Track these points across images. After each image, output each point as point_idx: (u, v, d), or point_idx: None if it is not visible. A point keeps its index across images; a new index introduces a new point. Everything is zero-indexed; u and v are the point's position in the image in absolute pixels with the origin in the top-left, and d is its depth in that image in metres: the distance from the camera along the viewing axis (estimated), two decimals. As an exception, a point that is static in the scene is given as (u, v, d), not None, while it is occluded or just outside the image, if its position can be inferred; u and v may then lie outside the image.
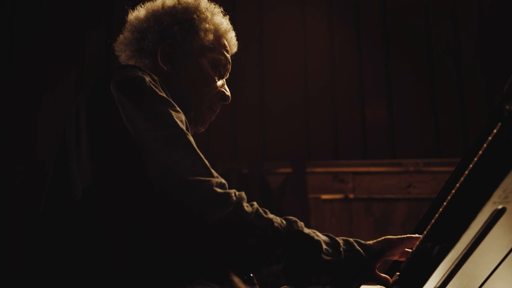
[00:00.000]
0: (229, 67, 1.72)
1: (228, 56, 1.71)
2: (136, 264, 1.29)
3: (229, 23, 1.74)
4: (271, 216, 1.31)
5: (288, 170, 4.02)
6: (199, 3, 1.69)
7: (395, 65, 4.31)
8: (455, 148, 4.12)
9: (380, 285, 1.41)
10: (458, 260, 1.09)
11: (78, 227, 1.32)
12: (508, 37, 4.26)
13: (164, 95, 1.39)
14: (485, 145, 1.04)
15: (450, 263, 1.11)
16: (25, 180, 3.83)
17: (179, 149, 1.29)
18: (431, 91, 4.27)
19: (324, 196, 3.99)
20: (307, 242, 1.31)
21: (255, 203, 1.32)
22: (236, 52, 1.78)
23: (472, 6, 4.38)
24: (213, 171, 1.30)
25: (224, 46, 1.70)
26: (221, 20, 1.71)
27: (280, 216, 1.35)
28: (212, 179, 1.27)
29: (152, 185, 1.25)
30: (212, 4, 1.72)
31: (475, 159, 1.06)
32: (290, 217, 1.35)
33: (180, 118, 1.36)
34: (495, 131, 1.02)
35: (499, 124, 1.00)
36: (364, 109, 4.24)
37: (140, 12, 1.70)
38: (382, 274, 1.43)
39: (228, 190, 1.28)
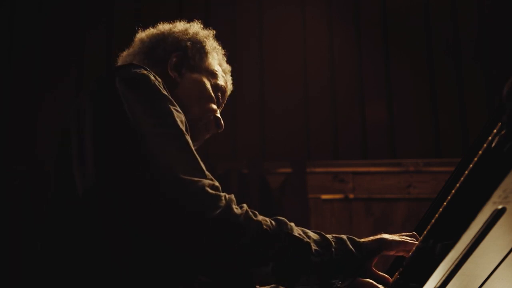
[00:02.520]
0: (225, 100, 1.79)
1: (226, 89, 1.79)
2: (135, 264, 1.29)
3: (228, 66, 1.84)
4: (260, 218, 1.31)
5: (288, 170, 4.01)
6: (207, 36, 1.78)
7: (395, 65, 4.31)
8: (455, 148, 4.12)
9: (377, 283, 1.42)
10: (458, 260, 1.09)
11: (79, 227, 1.33)
12: (508, 37, 4.26)
13: (167, 94, 1.41)
14: (485, 145, 1.04)
15: (450, 263, 1.11)
16: (25, 180, 3.83)
17: (177, 148, 1.31)
18: (431, 91, 4.27)
19: (324, 196, 3.99)
20: (296, 245, 1.32)
21: (245, 205, 1.32)
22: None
23: (472, 6, 4.38)
24: (207, 173, 1.31)
25: (224, 79, 1.78)
26: (223, 60, 1.82)
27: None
28: (205, 180, 1.28)
29: (148, 179, 1.26)
30: (217, 44, 1.82)
31: (475, 159, 1.06)
32: (280, 218, 1.35)
33: (180, 118, 1.38)
34: (495, 131, 1.02)
35: (499, 124, 1.00)
36: (364, 109, 4.24)
37: (151, 30, 1.79)
38: (380, 273, 1.44)
39: (219, 193, 1.28)
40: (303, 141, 4.17)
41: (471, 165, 1.08)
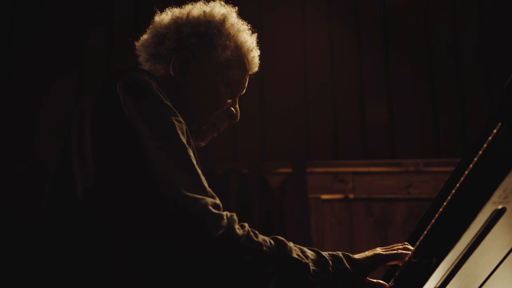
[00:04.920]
0: (245, 85, 1.71)
1: (246, 75, 1.70)
2: (134, 265, 1.29)
3: (254, 42, 1.72)
4: (260, 239, 1.31)
5: (288, 170, 4.01)
6: (224, 18, 1.66)
7: (395, 65, 4.31)
8: (455, 148, 4.12)
9: None
10: (458, 260, 1.09)
11: (78, 227, 1.32)
12: (508, 37, 4.26)
13: (169, 103, 1.39)
14: (485, 145, 1.04)
15: (450, 263, 1.11)
16: (25, 180, 3.83)
17: (178, 163, 1.29)
18: (431, 91, 4.27)
19: (324, 196, 3.99)
20: (295, 266, 1.33)
21: (246, 224, 1.32)
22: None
23: (472, 6, 4.38)
24: (209, 189, 1.30)
25: (243, 64, 1.68)
26: (245, 38, 1.69)
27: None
28: (207, 198, 1.26)
29: (148, 194, 1.25)
30: (241, 21, 1.70)
31: (475, 159, 1.06)
32: (280, 238, 1.36)
33: (182, 129, 1.36)
34: (495, 131, 1.02)
35: (499, 124, 1.00)
36: (364, 109, 4.24)
37: (165, 16, 1.68)
38: (374, 280, 1.46)
39: (221, 212, 1.27)
40: (303, 141, 4.17)
41: (471, 165, 1.08)
